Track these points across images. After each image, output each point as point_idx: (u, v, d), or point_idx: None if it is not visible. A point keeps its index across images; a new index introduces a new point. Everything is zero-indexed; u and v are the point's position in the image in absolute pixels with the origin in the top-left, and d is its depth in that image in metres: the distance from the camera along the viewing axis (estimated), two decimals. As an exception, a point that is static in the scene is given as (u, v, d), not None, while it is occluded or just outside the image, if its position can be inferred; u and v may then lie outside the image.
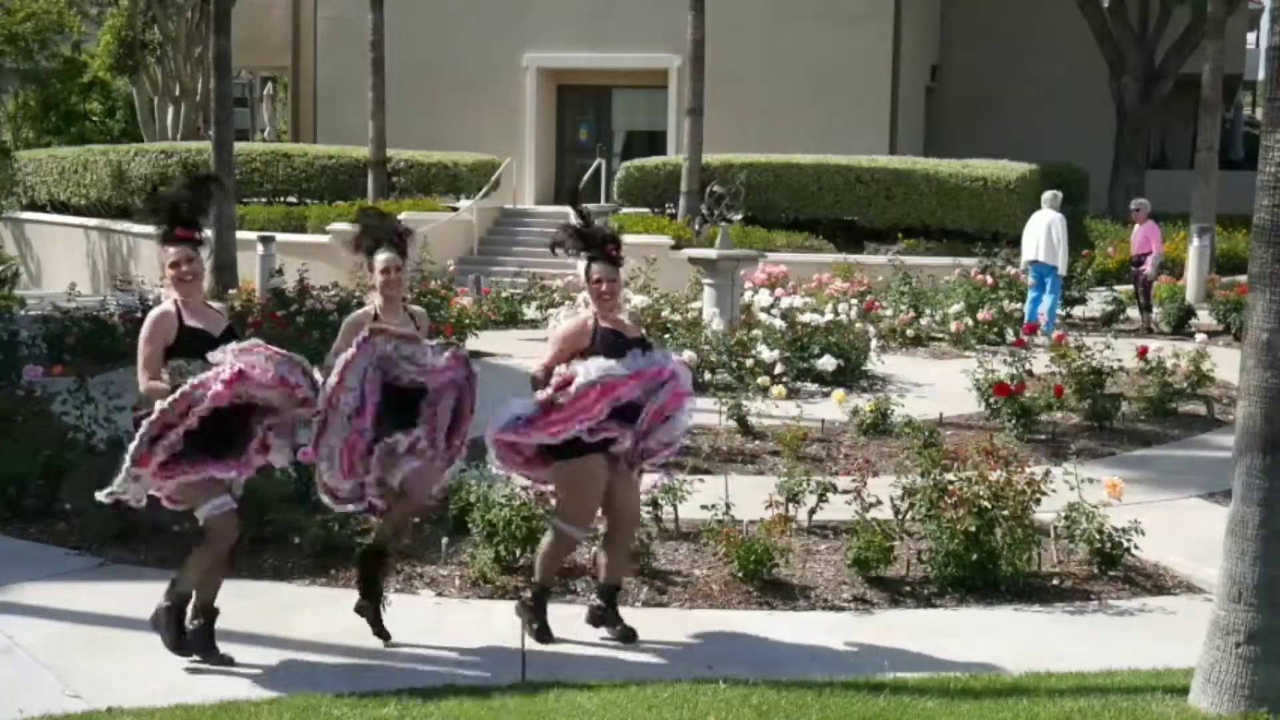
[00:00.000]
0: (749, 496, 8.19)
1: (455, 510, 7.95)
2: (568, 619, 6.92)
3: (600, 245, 6.57)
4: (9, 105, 38.78)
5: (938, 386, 12.92)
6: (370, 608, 6.48)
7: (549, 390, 6.32)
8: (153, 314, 6.16)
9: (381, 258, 6.32)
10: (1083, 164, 26.16)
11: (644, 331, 6.96)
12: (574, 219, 6.71)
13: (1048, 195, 16.94)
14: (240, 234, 19.46)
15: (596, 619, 6.71)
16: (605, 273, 6.52)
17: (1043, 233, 16.38)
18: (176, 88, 33.15)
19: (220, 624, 6.46)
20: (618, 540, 6.68)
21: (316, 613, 6.95)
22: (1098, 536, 7.62)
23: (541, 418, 6.31)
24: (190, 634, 6.22)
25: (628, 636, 6.59)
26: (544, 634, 6.56)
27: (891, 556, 7.52)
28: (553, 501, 6.98)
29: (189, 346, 6.03)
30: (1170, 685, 5.85)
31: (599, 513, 6.65)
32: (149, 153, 26.45)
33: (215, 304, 6.42)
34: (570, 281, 19.10)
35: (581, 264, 6.61)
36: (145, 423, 5.82)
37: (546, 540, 6.66)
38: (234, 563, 6.37)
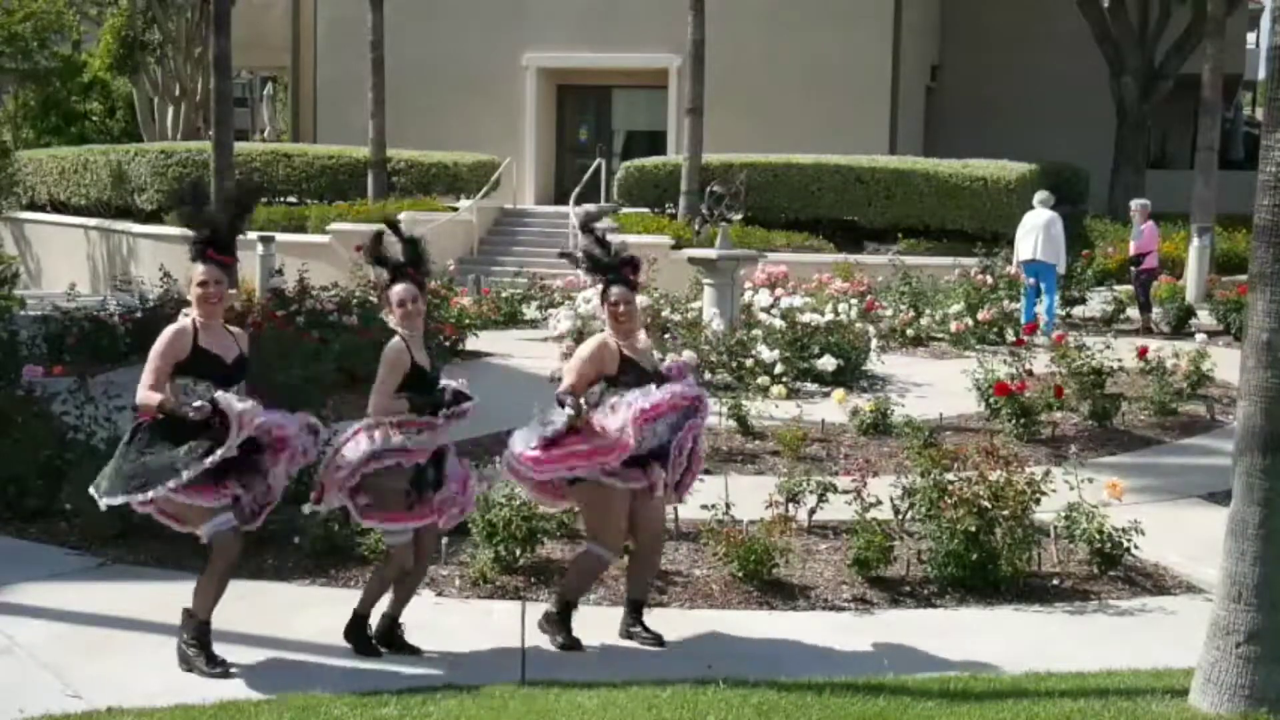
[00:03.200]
0: (749, 496, 8.19)
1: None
2: (568, 619, 6.94)
3: (619, 268, 6.56)
4: (9, 105, 38.74)
5: (938, 386, 12.92)
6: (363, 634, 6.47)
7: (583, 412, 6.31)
8: (169, 329, 6.14)
9: (397, 290, 6.24)
10: (1083, 164, 26.16)
11: (656, 363, 6.79)
12: (591, 242, 6.68)
13: (1041, 195, 16.93)
14: (240, 234, 19.42)
15: (626, 632, 6.69)
16: (623, 295, 6.51)
17: (1041, 231, 16.37)
18: (176, 88, 33.14)
19: (220, 624, 6.46)
20: (642, 558, 6.69)
21: (316, 613, 6.94)
22: (1098, 536, 7.62)
23: (561, 452, 6.32)
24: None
25: (658, 641, 6.60)
26: (574, 644, 6.55)
27: (891, 556, 7.52)
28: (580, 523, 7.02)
29: (200, 367, 6.04)
30: (1170, 685, 5.85)
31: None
32: (149, 153, 26.42)
33: (234, 329, 6.35)
34: (570, 281, 19.11)
35: (599, 286, 6.61)
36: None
37: (580, 560, 6.70)
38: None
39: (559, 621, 6.58)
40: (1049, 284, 16.49)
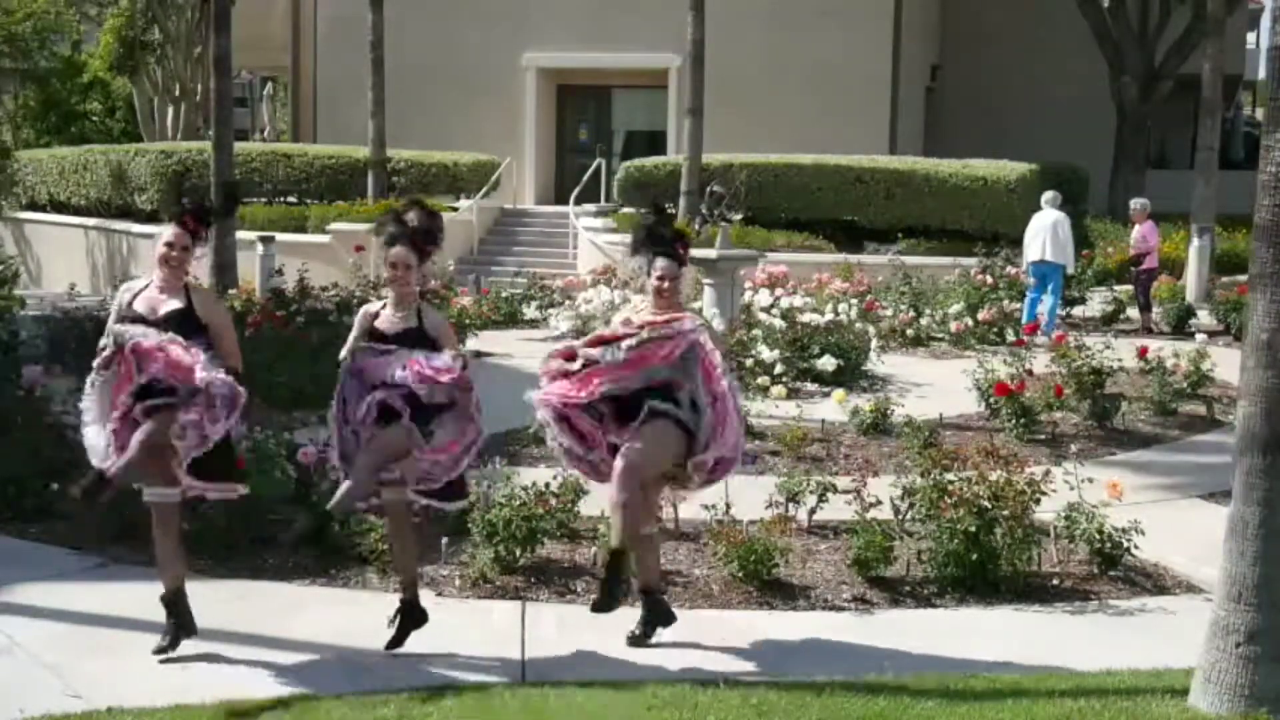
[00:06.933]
0: (749, 496, 8.19)
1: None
2: (567, 619, 6.94)
3: (669, 242, 6.57)
4: (9, 105, 38.75)
5: (938, 386, 12.92)
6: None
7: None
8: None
9: (391, 251, 6.35)
10: (1083, 164, 26.15)
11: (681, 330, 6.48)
12: (652, 217, 6.69)
13: (1048, 195, 16.93)
14: (240, 234, 19.43)
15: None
16: (667, 269, 6.48)
17: (1049, 232, 16.36)
18: (176, 88, 33.15)
19: (220, 624, 6.49)
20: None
21: (316, 613, 6.95)
22: (1098, 536, 7.62)
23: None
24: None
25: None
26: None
27: (891, 556, 7.52)
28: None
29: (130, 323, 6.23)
30: (1170, 685, 5.85)
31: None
32: (149, 153, 26.41)
33: (198, 288, 6.40)
34: (570, 281, 19.11)
35: (645, 259, 6.57)
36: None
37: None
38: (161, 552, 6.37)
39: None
40: (1055, 284, 16.48)
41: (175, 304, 6.18)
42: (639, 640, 6.54)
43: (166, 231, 6.29)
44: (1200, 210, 21.65)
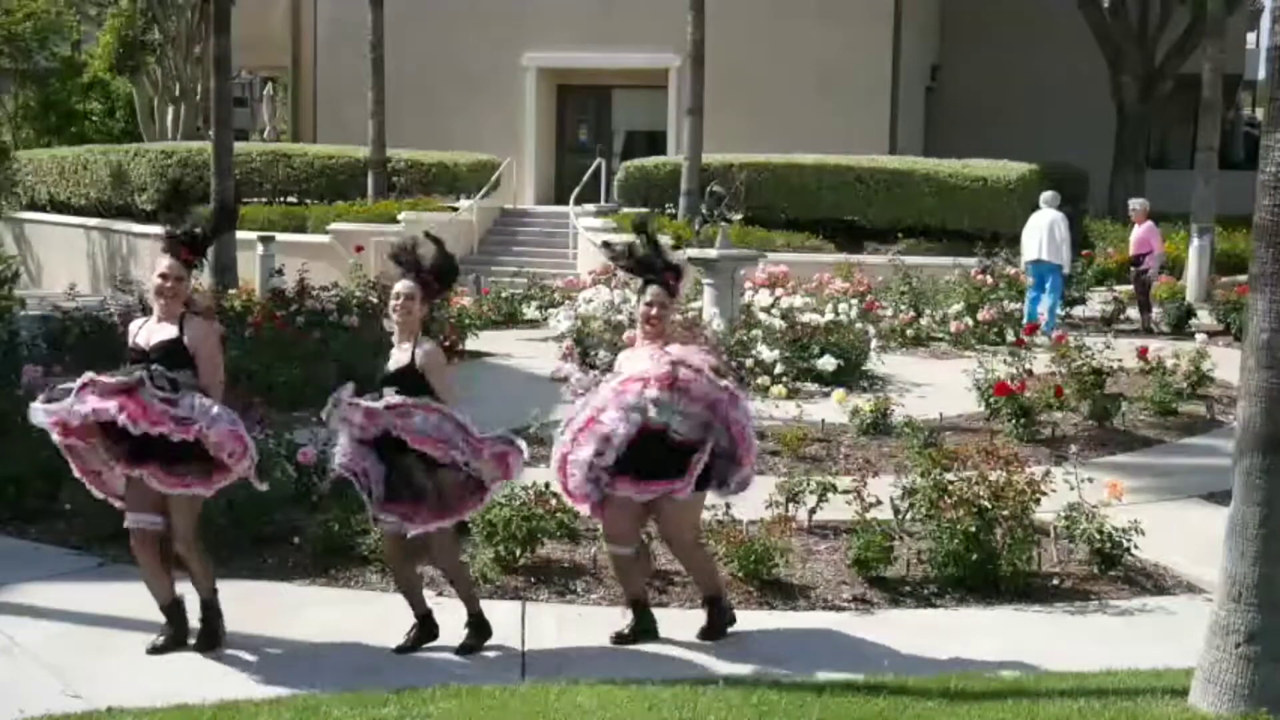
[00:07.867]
0: (749, 496, 8.16)
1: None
2: (567, 619, 6.94)
3: (659, 271, 6.55)
4: (9, 105, 38.74)
5: (938, 386, 12.92)
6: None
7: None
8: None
9: (397, 286, 6.37)
10: (1083, 164, 26.14)
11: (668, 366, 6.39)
12: (642, 241, 6.68)
13: (1047, 195, 16.93)
14: (240, 234, 19.43)
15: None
16: (656, 296, 6.49)
17: (1045, 232, 16.37)
18: (176, 88, 33.13)
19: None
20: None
21: (317, 613, 6.95)
22: (1098, 536, 7.62)
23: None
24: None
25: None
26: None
27: (891, 556, 7.52)
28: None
29: (132, 354, 6.32)
30: (1170, 685, 5.85)
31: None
32: (149, 153, 26.41)
33: (195, 317, 6.36)
34: (570, 281, 19.11)
35: (637, 285, 6.64)
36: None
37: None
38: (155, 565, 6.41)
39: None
40: (1053, 284, 16.48)
41: (164, 335, 6.26)
42: (627, 640, 6.62)
43: (161, 263, 6.34)
44: (1200, 210, 21.63)
